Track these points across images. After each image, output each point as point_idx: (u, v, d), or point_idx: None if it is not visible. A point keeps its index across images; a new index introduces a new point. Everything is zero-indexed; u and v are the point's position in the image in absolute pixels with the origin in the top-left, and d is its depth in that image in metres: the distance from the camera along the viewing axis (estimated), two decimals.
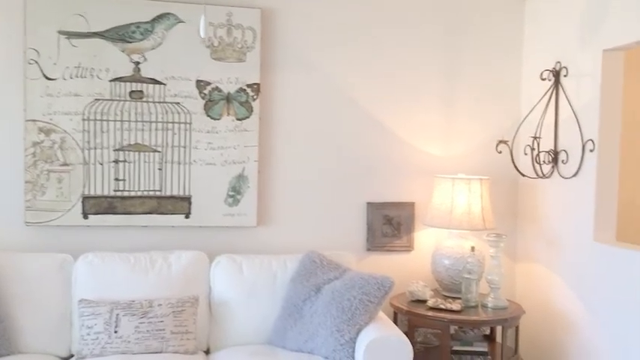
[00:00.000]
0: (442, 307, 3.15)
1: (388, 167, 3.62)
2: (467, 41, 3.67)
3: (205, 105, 3.35)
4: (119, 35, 3.25)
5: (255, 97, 3.40)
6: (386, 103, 3.60)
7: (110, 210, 3.28)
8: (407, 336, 2.79)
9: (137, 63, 3.28)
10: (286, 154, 3.51)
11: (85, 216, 3.25)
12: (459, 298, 3.27)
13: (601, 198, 3.05)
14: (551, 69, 3.38)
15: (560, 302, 3.31)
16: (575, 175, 3.19)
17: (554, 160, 3.36)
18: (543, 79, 3.40)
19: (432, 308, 3.16)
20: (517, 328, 3.24)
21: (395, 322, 3.30)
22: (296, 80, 3.50)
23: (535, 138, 3.32)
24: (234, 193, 3.41)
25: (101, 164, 3.26)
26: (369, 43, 3.57)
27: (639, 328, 2.76)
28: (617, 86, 3.05)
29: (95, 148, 3.25)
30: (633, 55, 3.31)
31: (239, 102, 3.39)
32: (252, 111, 3.40)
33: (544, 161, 3.39)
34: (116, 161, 3.28)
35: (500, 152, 3.42)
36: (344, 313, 2.82)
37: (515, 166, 3.45)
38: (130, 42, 3.26)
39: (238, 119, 3.39)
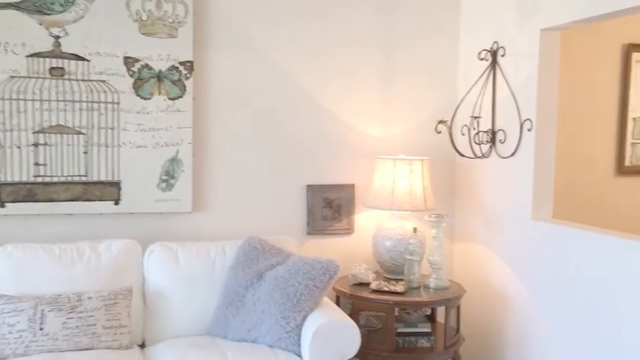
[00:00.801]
0: (386, 289, 3.11)
1: (328, 149, 3.53)
2: (404, 21, 3.63)
3: (134, 83, 3.13)
4: (36, 6, 2.97)
5: (188, 75, 3.21)
6: (325, 84, 3.51)
7: (30, 197, 3.01)
8: None
9: (57, 37, 3.01)
10: (223, 136, 3.35)
11: (2, 204, 2.98)
12: (402, 280, 3.25)
13: (539, 177, 3.10)
14: (488, 49, 3.38)
15: (499, 281, 3.35)
16: (513, 154, 3.22)
17: (492, 140, 3.38)
18: (481, 59, 3.40)
19: (375, 291, 3.12)
20: (458, 307, 3.25)
21: (337, 305, 3.23)
22: (232, 58, 3.34)
23: (475, 118, 3.33)
24: (168, 177, 3.22)
25: (19, 148, 2.99)
26: (308, 23, 3.46)
27: (575, 304, 2.82)
28: (554, 66, 3.09)
29: (12, 130, 2.97)
30: (568, 34, 3.36)
31: (171, 80, 3.19)
32: (185, 90, 3.21)
33: (482, 141, 3.40)
34: (36, 144, 3.01)
35: (439, 132, 3.40)
36: (289, 299, 2.72)
37: (454, 146, 3.45)
38: (49, 14, 2.98)
39: (170, 99, 3.20)
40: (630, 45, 4.14)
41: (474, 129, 3.35)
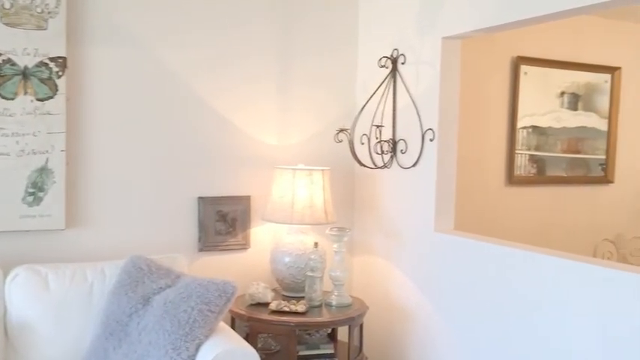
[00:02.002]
0: (286, 309, 2.89)
1: (222, 158, 3.26)
2: (302, 29, 3.44)
3: None
4: None
5: (60, 73, 2.81)
6: (219, 91, 3.24)
7: None
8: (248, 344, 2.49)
9: None
10: (102, 143, 2.98)
11: None
12: (302, 298, 3.04)
13: (441, 188, 3.03)
14: (389, 56, 3.29)
15: (401, 295, 3.25)
16: (414, 164, 3.13)
17: (393, 150, 3.28)
18: (381, 67, 3.30)
19: (275, 312, 2.89)
20: (361, 325, 3.10)
21: (232, 329, 2.96)
22: (115, 57, 2.98)
23: (378, 127, 3.21)
24: (35, 189, 2.80)
25: None
26: (203, 28, 3.18)
27: (477, 316, 2.77)
28: (455, 75, 3.04)
29: None
30: (469, 43, 3.33)
31: (39, 79, 2.78)
32: (57, 90, 2.81)
33: (383, 151, 3.29)
34: None
35: (340, 141, 3.25)
36: (180, 327, 2.42)
37: (355, 156, 3.31)
38: None
39: (39, 100, 2.78)
40: (519, 57, 4.24)
41: (377, 138, 3.23)
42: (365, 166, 3.34)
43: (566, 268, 2.39)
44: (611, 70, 4.67)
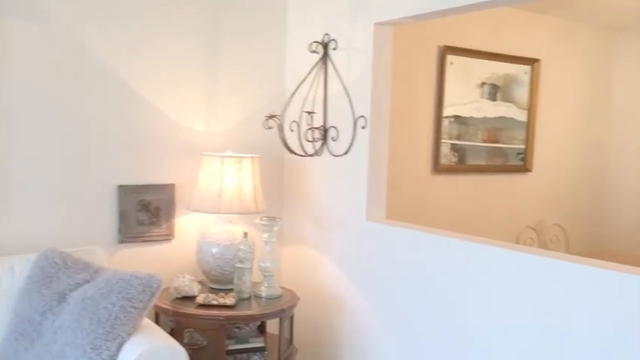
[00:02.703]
0: (215, 302, 2.77)
1: (144, 144, 3.08)
2: (229, 12, 3.30)
3: None
4: None
5: None
6: (143, 74, 3.05)
7: None
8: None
9: None
10: (10, 126, 2.73)
11: None
12: (231, 290, 2.93)
13: (373, 176, 2.99)
14: (319, 41, 3.21)
15: (332, 285, 3.20)
16: (346, 152, 3.08)
17: (324, 137, 3.21)
18: (312, 52, 3.21)
19: (203, 305, 2.77)
20: (292, 317, 3.03)
21: (157, 324, 2.81)
22: (28, 32, 2.73)
23: (310, 113, 3.12)
24: None
25: None
26: (126, 7, 2.97)
27: (409, 304, 2.76)
28: (387, 62, 3.00)
29: None
30: (397, 31, 3.31)
31: None
32: None
33: (313, 138, 3.22)
34: None
35: (270, 128, 3.14)
36: (100, 325, 2.25)
37: (285, 143, 3.22)
38: None
39: None
40: (445, 47, 4.28)
41: (308, 125, 3.15)
42: (295, 153, 3.25)
43: (495, 255, 2.41)
44: (531, 61, 4.81)
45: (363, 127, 2.98)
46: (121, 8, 2.97)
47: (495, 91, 4.77)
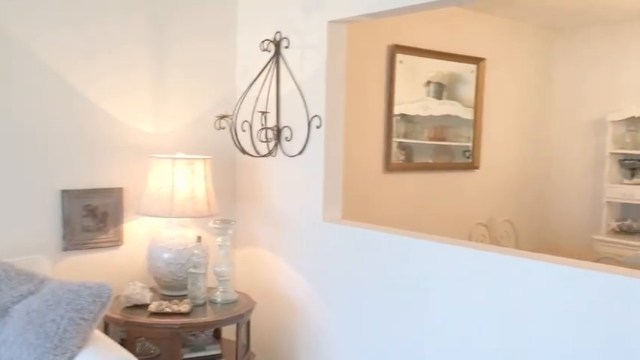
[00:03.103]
0: (168, 310, 2.67)
1: (90, 147, 2.93)
2: (178, 10, 3.18)
3: None
4: None
5: None
6: (88, 75, 2.91)
7: None
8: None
9: None
10: None
11: None
12: (185, 297, 2.83)
13: (329, 176, 2.95)
14: (271, 39, 3.14)
15: (289, 288, 3.14)
16: (300, 152, 3.02)
17: (278, 137, 3.15)
18: (264, 50, 3.15)
19: (156, 313, 2.66)
20: (248, 322, 2.95)
21: (106, 334, 2.68)
22: None
23: (263, 113, 3.05)
24: None
25: None
26: (69, 9, 2.82)
27: (368, 305, 2.74)
28: (341, 60, 2.97)
29: None
30: (349, 29, 3.28)
31: None
32: None
33: (267, 138, 3.15)
34: None
35: (222, 128, 3.06)
36: (48, 339, 2.12)
37: (239, 144, 3.14)
38: None
39: None
40: (395, 46, 4.29)
41: (262, 124, 3.08)
42: (248, 154, 3.18)
43: (451, 253, 2.42)
44: (477, 60, 4.90)
45: (318, 127, 2.93)
46: (67, 11, 2.81)
47: (441, 89, 4.82)
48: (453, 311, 2.41)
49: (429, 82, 4.72)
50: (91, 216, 2.95)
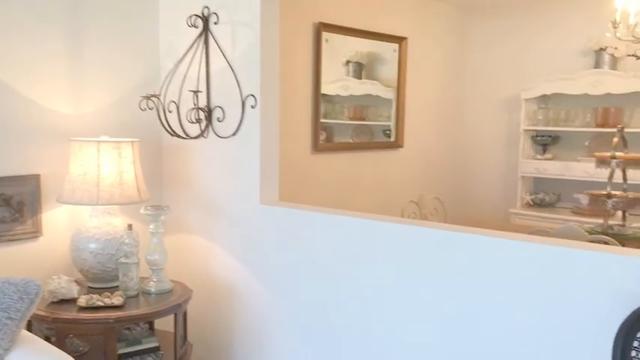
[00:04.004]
0: (100, 304, 2.50)
1: (0, 131, 2.67)
2: None
3: None
4: None
5: None
6: None
7: None
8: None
9: None
10: None
11: None
12: (116, 289, 2.67)
13: (265, 157, 2.87)
14: (199, 14, 2.98)
15: (225, 275, 3.04)
16: (234, 134, 2.91)
17: (209, 118, 3.01)
18: (191, 26, 2.99)
19: (86, 308, 2.48)
20: (185, 311, 2.83)
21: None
22: None
23: (195, 92, 2.90)
24: None
25: None
26: None
27: (310, 290, 2.70)
28: (274, 37, 2.87)
29: None
30: (280, 5, 3.18)
31: None
32: None
33: (197, 119, 3.00)
34: None
35: (150, 109, 2.88)
36: None
37: (167, 125, 2.97)
38: None
39: None
40: (321, 24, 4.23)
41: (194, 105, 2.93)
42: (177, 135, 3.02)
43: (392, 230, 2.44)
44: (399, 39, 4.93)
45: (253, 107, 2.83)
46: None
47: (360, 69, 4.83)
48: (398, 289, 2.42)
49: (348, 62, 4.70)
50: (6, 205, 2.70)
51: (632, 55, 3.28)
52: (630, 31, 3.24)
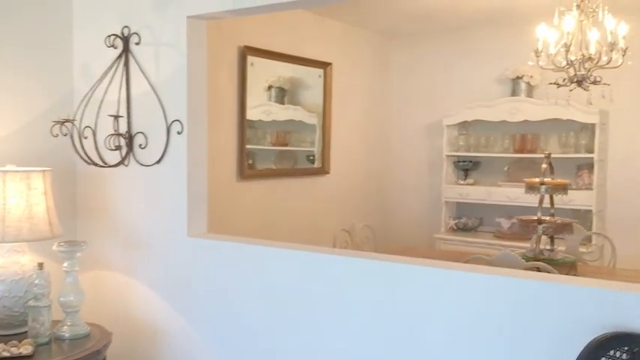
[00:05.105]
0: (6, 354, 2.21)
1: None
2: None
3: None
4: None
5: None
6: None
7: None
8: None
9: None
10: None
11: None
12: (24, 335, 2.38)
13: (193, 187, 2.68)
14: (118, 34, 2.79)
15: (148, 313, 2.80)
16: (159, 161, 2.71)
17: (130, 145, 2.80)
18: (109, 46, 2.79)
19: None
20: (104, 358, 2.57)
21: None
22: None
23: (116, 117, 2.68)
24: None
25: None
26: None
27: (242, 326, 2.54)
28: (202, 59, 2.72)
29: None
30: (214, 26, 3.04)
31: None
32: None
33: (117, 146, 2.78)
34: None
35: (63, 135, 2.64)
36: None
37: (82, 152, 2.73)
38: None
39: None
40: (246, 47, 4.11)
41: (115, 130, 2.71)
42: (95, 164, 2.79)
43: (327, 262, 2.34)
44: (324, 65, 4.89)
45: (179, 133, 2.65)
46: None
47: (283, 94, 4.74)
48: (331, 320, 2.31)
49: (270, 87, 4.60)
50: None
51: (554, 84, 3.37)
52: (551, 59, 3.33)
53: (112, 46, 2.79)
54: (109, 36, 2.78)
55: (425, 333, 2.10)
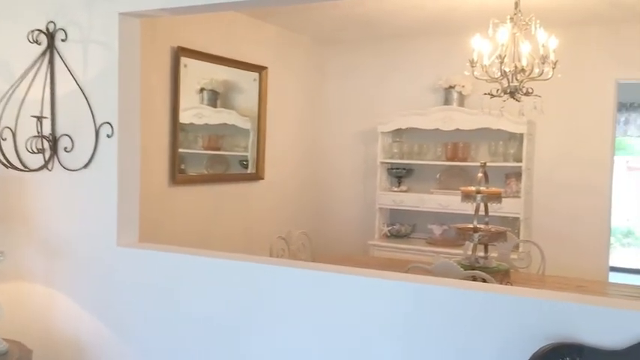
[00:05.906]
0: None
1: None
2: None
3: None
4: None
5: None
6: None
7: None
8: None
9: None
10: None
11: None
12: None
13: (124, 193, 2.54)
14: (42, 29, 2.60)
15: (72, 327, 2.63)
16: (86, 166, 2.55)
17: (54, 148, 2.62)
18: (33, 42, 2.60)
19: None
20: None
21: None
22: None
23: (39, 118, 2.50)
24: None
25: None
26: None
27: (177, 339, 2.42)
28: (135, 58, 2.60)
29: None
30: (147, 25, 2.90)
31: None
32: None
33: (39, 148, 2.59)
34: None
35: None
36: None
37: (1, 156, 2.53)
38: None
39: None
40: (179, 48, 3.97)
41: (38, 132, 2.52)
42: (14, 167, 2.59)
43: (265, 272, 2.27)
44: (260, 68, 4.80)
45: (109, 136, 2.50)
46: None
47: (215, 97, 4.63)
48: (264, 331, 2.24)
49: (202, 90, 4.48)
50: None
51: (488, 94, 3.43)
52: (485, 70, 3.39)
53: (36, 42, 2.61)
54: (33, 31, 2.59)
55: (365, 346, 2.06)
